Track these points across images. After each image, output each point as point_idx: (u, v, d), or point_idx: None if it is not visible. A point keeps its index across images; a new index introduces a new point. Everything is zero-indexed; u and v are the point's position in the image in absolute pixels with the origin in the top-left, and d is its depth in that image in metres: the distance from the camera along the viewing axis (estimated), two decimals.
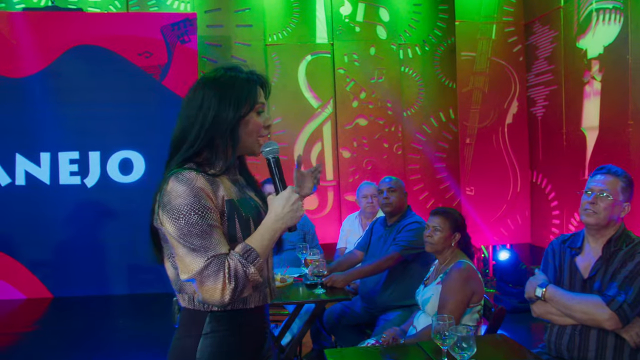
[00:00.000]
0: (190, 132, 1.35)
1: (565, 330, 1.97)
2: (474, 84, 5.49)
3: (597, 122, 4.48)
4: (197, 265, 1.25)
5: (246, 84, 1.38)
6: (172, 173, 1.31)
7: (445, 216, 2.43)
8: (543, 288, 1.99)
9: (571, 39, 4.73)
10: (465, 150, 5.57)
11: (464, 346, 1.54)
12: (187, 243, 1.26)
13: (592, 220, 1.96)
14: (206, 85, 1.38)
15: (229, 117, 1.35)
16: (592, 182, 2.00)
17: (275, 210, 1.36)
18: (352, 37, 5.78)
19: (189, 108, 1.38)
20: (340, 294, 2.74)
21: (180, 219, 1.26)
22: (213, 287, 1.24)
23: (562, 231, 5.02)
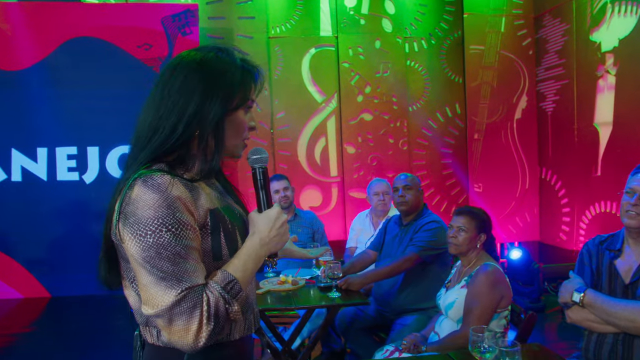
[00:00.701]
0: (165, 124, 1.08)
1: (606, 339, 1.85)
2: (482, 78, 5.37)
3: (611, 117, 4.37)
4: (167, 299, 0.98)
5: (240, 72, 1.14)
6: (138, 175, 1.04)
7: (471, 216, 2.30)
8: (581, 293, 1.87)
9: (584, 32, 4.61)
10: (473, 146, 5.46)
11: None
12: (154, 269, 0.99)
13: (636, 223, 1.83)
14: (190, 67, 1.11)
15: (215, 110, 1.09)
16: (633, 181, 1.87)
17: (260, 232, 1.13)
18: (357, 30, 5.63)
19: (164, 92, 1.10)
20: (356, 297, 2.61)
21: (148, 237, 0.99)
22: (184, 328, 0.99)
23: (572, 229, 4.92)
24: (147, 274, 1.00)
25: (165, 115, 1.09)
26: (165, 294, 0.99)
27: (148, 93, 4.38)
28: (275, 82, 5.49)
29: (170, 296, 0.99)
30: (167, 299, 0.99)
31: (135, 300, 1.12)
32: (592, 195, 4.60)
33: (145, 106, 1.14)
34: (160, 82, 1.13)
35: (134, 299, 1.12)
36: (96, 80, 4.75)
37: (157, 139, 1.09)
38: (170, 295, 0.99)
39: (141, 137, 1.11)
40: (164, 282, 0.99)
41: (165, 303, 0.99)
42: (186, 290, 0.99)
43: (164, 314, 0.99)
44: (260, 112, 5.38)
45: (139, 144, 1.11)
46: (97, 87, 4.75)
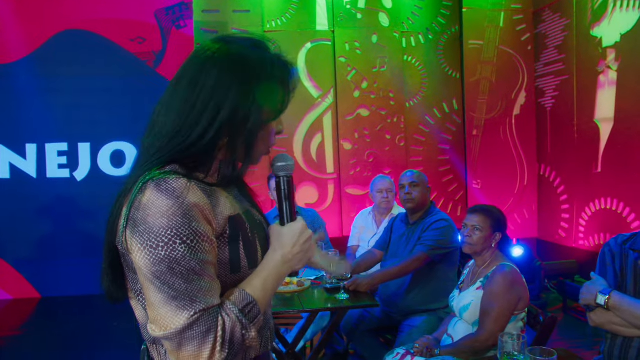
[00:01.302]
0: (192, 127, 0.95)
1: (633, 343, 1.79)
2: (481, 73, 5.32)
3: (612, 113, 4.34)
4: (178, 321, 0.87)
5: (280, 80, 1.00)
6: (151, 177, 0.91)
7: (486, 214, 2.23)
8: (606, 295, 1.81)
9: (584, 27, 4.57)
10: (472, 142, 5.41)
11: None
12: (164, 286, 0.87)
13: None
14: (224, 63, 0.96)
15: (252, 116, 0.97)
16: None
17: (283, 247, 1.02)
18: (353, 24, 5.55)
19: (193, 89, 0.96)
20: (365, 299, 2.53)
21: (159, 250, 0.87)
22: (195, 355, 0.88)
23: (571, 226, 4.89)
24: (157, 291, 0.88)
25: (193, 117, 0.95)
26: (175, 316, 0.87)
27: (140, 87, 4.12)
28: None
29: (182, 318, 0.87)
30: (177, 321, 0.87)
31: (142, 314, 1.01)
32: (592, 192, 4.57)
33: (165, 100, 1.00)
34: (185, 76, 0.98)
35: (141, 312, 1.01)
36: (87, 74, 4.63)
37: (182, 142, 0.96)
38: (181, 317, 0.87)
39: (160, 136, 0.97)
40: (175, 302, 0.88)
41: (176, 325, 0.87)
42: (200, 312, 0.88)
43: (173, 337, 0.88)
44: None
45: (157, 142, 0.97)
46: (89, 81, 4.62)
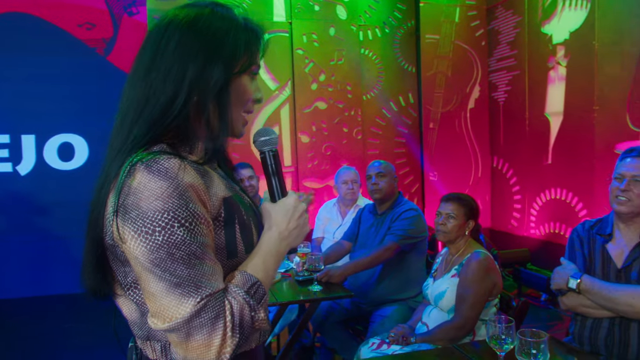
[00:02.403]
0: (160, 93, 0.90)
1: (602, 323, 1.86)
2: (437, 67, 5.42)
3: (561, 107, 4.53)
4: (184, 309, 0.81)
5: (243, 31, 0.96)
6: (139, 159, 0.85)
7: (460, 202, 2.26)
8: (577, 279, 1.87)
9: (535, 24, 4.74)
10: (428, 135, 5.50)
11: (534, 352, 1.37)
12: (165, 274, 0.81)
13: (626, 209, 1.85)
14: (184, 25, 0.92)
15: (218, 73, 0.92)
16: (621, 166, 1.89)
17: (278, 225, 0.98)
18: (311, 16, 5.51)
19: (155, 57, 0.91)
20: (338, 290, 2.51)
21: (156, 235, 0.81)
22: (205, 343, 0.82)
23: (523, 216, 5.08)
24: (157, 280, 0.82)
25: (159, 83, 0.90)
26: (180, 304, 0.82)
27: (90, 76, 3.87)
28: None
29: (188, 306, 0.82)
30: (183, 309, 0.82)
31: (132, 310, 0.95)
32: (543, 183, 4.77)
33: (130, 77, 0.95)
34: (147, 46, 0.94)
35: (131, 308, 0.95)
36: (32, 62, 4.33)
37: (153, 111, 0.90)
38: (187, 305, 0.82)
39: (130, 110, 0.91)
40: (179, 290, 0.82)
41: (182, 315, 0.82)
42: (206, 297, 0.83)
43: (180, 328, 0.82)
44: None
45: (128, 117, 0.91)
46: (33, 69, 4.33)
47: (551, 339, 1.64)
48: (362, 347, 2.31)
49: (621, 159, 1.93)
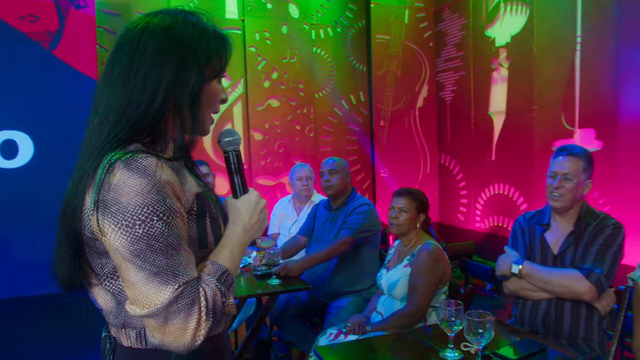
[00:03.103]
0: (140, 95, 0.96)
1: (540, 305, 2.02)
2: (387, 67, 5.57)
3: (504, 106, 4.78)
4: (163, 296, 0.88)
5: (213, 39, 1.03)
6: (117, 158, 0.91)
7: (411, 197, 2.38)
8: (519, 265, 2.02)
9: (480, 28, 4.97)
10: (379, 133, 5.65)
11: (480, 331, 1.49)
12: (145, 264, 0.88)
13: (559, 205, 2.02)
14: (160, 31, 0.98)
15: (194, 78, 0.99)
16: (554, 164, 2.05)
17: (242, 219, 1.07)
18: (263, 14, 5.53)
19: (132, 60, 0.97)
20: (296, 283, 2.58)
21: (137, 228, 0.87)
22: (182, 327, 0.89)
23: (469, 210, 5.32)
24: (137, 269, 0.88)
25: (138, 86, 0.96)
26: (160, 291, 0.88)
27: (34, 71, 3.77)
28: None
29: (167, 293, 0.88)
30: (162, 296, 0.88)
31: (107, 300, 0.99)
32: (487, 179, 5.01)
33: (105, 77, 1.00)
34: (123, 50, 0.99)
35: (106, 298, 1.00)
36: None
37: (135, 112, 0.95)
38: (166, 292, 0.88)
39: (110, 111, 0.97)
40: (158, 278, 0.88)
41: (161, 301, 0.88)
42: (183, 285, 0.89)
43: (159, 313, 0.88)
44: None
45: (108, 121, 0.96)
46: None
47: (496, 321, 1.77)
48: (320, 338, 2.38)
49: (554, 157, 2.10)
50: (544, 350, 1.60)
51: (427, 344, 1.74)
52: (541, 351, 1.60)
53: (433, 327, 1.99)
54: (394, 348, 1.75)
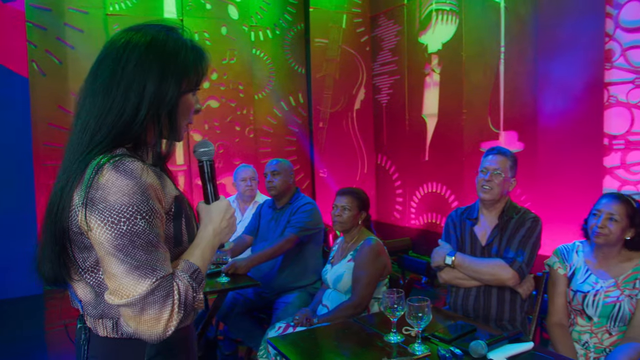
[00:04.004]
0: (124, 105, 1.03)
1: (471, 292, 2.23)
2: (326, 70, 5.72)
3: (436, 110, 5.07)
4: (140, 288, 0.96)
5: (192, 53, 1.10)
6: (106, 161, 0.98)
7: (353, 195, 2.52)
8: (452, 256, 2.22)
9: (413, 34, 5.24)
10: (318, 134, 5.79)
11: (420, 315, 1.64)
12: (127, 258, 0.96)
13: (489, 196, 2.23)
14: (142, 46, 1.05)
15: (172, 90, 1.06)
16: (485, 162, 2.27)
17: (213, 222, 1.15)
18: (202, 14, 5.53)
19: (115, 73, 1.03)
20: (245, 280, 2.65)
21: (121, 224, 0.95)
22: (156, 317, 0.97)
23: (404, 208, 5.58)
24: (119, 262, 0.96)
25: (120, 97, 1.03)
26: (138, 283, 0.96)
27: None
28: None
29: (144, 285, 0.96)
30: (140, 288, 0.96)
31: (87, 292, 1.06)
32: (421, 178, 5.29)
33: (87, 87, 1.06)
34: (106, 62, 1.05)
35: (86, 291, 1.07)
36: None
37: (118, 120, 1.03)
38: (143, 284, 0.96)
39: (91, 117, 1.03)
40: (137, 271, 0.96)
41: (139, 292, 0.96)
42: (160, 279, 0.98)
43: (136, 303, 0.96)
44: None
45: (90, 128, 1.03)
46: None
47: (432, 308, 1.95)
48: (269, 332, 2.47)
49: (485, 156, 2.31)
50: (475, 330, 1.79)
51: (371, 330, 1.88)
52: (472, 331, 1.78)
53: (376, 315, 2.14)
54: (342, 335, 1.88)
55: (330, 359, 1.65)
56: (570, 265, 2.14)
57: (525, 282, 2.17)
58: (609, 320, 2.00)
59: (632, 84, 3.35)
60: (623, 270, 2.03)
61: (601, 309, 2.00)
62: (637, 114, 3.33)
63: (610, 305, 1.99)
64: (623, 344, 1.95)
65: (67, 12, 4.96)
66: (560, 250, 2.19)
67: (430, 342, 1.73)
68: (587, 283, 2.06)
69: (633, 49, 3.33)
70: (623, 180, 3.42)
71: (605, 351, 2.00)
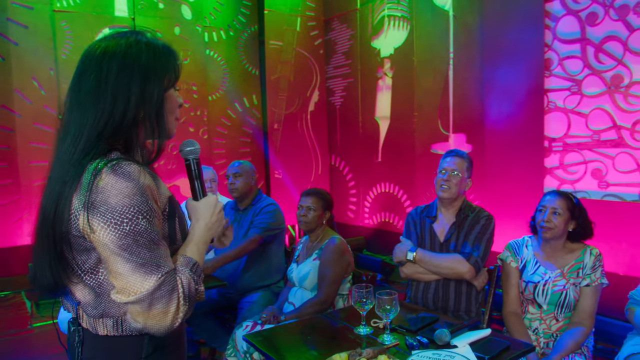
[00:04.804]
0: (111, 105, 1.06)
1: (430, 285, 2.37)
2: (281, 72, 5.78)
3: (388, 112, 5.24)
4: (148, 284, 1.01)
5: (166, 53, 1.16)
6: (104, 165, 1.02)
7: (318, 196, 2.61)
8: (413, 252, 2.35)
9: (366, 39, 5.40)
10: (273, 135, 5.84)
11: (388, 307, 1.75)
12: (132, 256, 1.00)
13: (447, 195, 2.38)
14: (119, 54, 1.09)
15: (157, 90, 1.11)
16: (444, 163, 2.42)
17: (204, 218, 1.21)
18: (155, 13, 5.45)
19: (99, 81, 1.07)
20: (211, 280, 2.67)
21: (124, 225, 1.00)
22: (164, 311, 1.03)
23: (358, 208, 5.73)
24: (125, 261, 1.01)
25: (108, 104, 1.07)
26: (145, 280, 1.01)
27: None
28: (63, 62, 4.95)
29: (151, 281, 1.01)
30: (147, 284, 1.01)
31: (86, 293, 1.10)
32: (374, 178, 5.45)
33: (72, 99, 1.10)
34: (87, 72, 1.09)
35: (84, 292, 1.10)
36: None
37: (110, 125, 1.07)
38: (150, 280, 1.01)
39: (81, 126, 1.06)
40: (143, 269, 1.01)
41: (146, 288, 1.01)
42: (165, 274, 1.03)
43: (144, 299, 1.02)
44: (44, 95, 4.82)
45: (82, 136, 1.06)
46: None
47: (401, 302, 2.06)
48: (237, 331, 2.51)
49: (444, 158, 2.47)
50: (437, 320, 1.92)
51: (342, 324, 1.97)
52: (435, 321, 1.91)
53: (342, 310, 2.24)
54: (314, 329, 1.96)
55: (305, 352, 1.73)
56: (521, 258, 2.32)
57: (480, 275, 2.33)
58: (557, 307, 2.19)
59: (568, 91, 3.62)
60: (567, 261, 2.23)
61: (550, 297, 2.19)
62: (573, 119, 3.61)
63: (557, 294, 2.18)
64: (569, 329, 2.14)
65: (10, 7, 4.76)
66: (512, 245, 2.37)
67: (397, 332, 1.84)
68: (537, 274, 2.25)
69: (569, 59, 3.61)
70: (562, 180, 3.69)
71: (553, 336, 2.19)
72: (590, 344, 2.21)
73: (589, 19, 3.48)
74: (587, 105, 3.52)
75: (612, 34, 3.36)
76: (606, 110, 3.42)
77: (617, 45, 3.34)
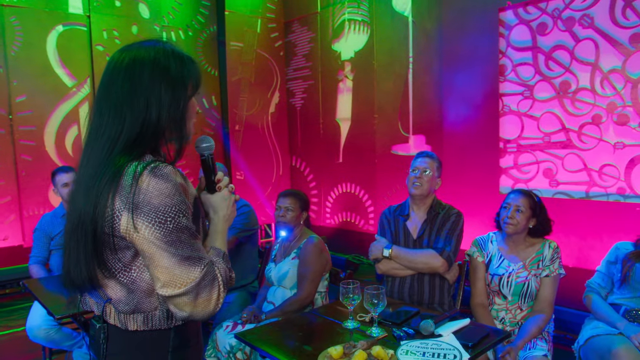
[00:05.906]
0: (144, 112, 1.12)
1: (406, 280, 2.49)
2: (242, 73, 5.79)
3: (349, 114, 5.37)
4: (194, 275, 1.09)
5: (191, 61, 1.23)
6: (143, 167, 1.07)
7: (296, 197, 2.68)
8: (389, 249, 2.46)
9: (327, 42, 5.50)
10: (234, 137, 5.84)
11: (375, 302, 1.85)
12: (177, 251, 1.08)
13: (419, 192, 2.51)
14: (148, 62, 1.15)
15: (184, 97, 1.18)
16: (416, 162, 2.56)
17: (221, 210, 1.29)
18: (111, 11, 5.34)
19: (132, 88, 1.13)
20: None
21: (168, 223, 1.07)
22: (208, 298, 1.12)
23: (320, 208, 5.83)
24: (171, 256, 1.08)
25: (143, 107, 1.13)
26: (190, 272, 1.09)
27: None
28: (13, 60, 4.77)
29: (196, 272, 1.09)
30: (193, 275, 1.09)
31: (117, 290, 1.14)
32: (335, 179, 5.57)
33: (103, 105, 1.14)
34: (117, 80, 1.14)
35: (116, 289, 1.15)
36: None
37: (146, 128, 1.13)
38: (195, 272, 1.09)
39: (117, 131, 1.12)
40: (188, 262, 1.09)
41: (192, 279, 1.09)
42: (207, 265, 1.12)
43: (192, 290, 1.09)
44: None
45: (119, 140, 1.11)
46: None
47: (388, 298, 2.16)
48: (217, 332, 2.54)
49: (415, 158, 2.60)
50: (419, 313, 2.04)
51: (330, 319, 2.05)
52: (417, 313, 2.03)
53: (329, 307, 2.32)
54: (305, 324, 2.02)
55: (299, 347, 1.79)
56: (487, 253, 2.49)
57: (452, 269, 2.48)
58: (520, 297, 2.37)
59: (521, 95, 3.87)
60: (529, 254, 2.41)
61: (514, 288, 2.36)
62: (526, 122, 3.85)
63: (520, 285, 2.36)
64: (532, 317, 2.32)
65: None
66: (478, 241, 2.53)
67: (383, 325, 1.94)
68: (502, 267, 2.42)
69: (521, 66, 3.86)
70: (516, 179, 3.94)
71: (518, 324, 2.37)
72: (551, 329, 2.41)
73: (540, 28, 3.73)
74: (539, 109, 3.77)
75: (560, 43, 3.63)
76: (555, 114, 3.68)
77: (565, 53, 3.60)
